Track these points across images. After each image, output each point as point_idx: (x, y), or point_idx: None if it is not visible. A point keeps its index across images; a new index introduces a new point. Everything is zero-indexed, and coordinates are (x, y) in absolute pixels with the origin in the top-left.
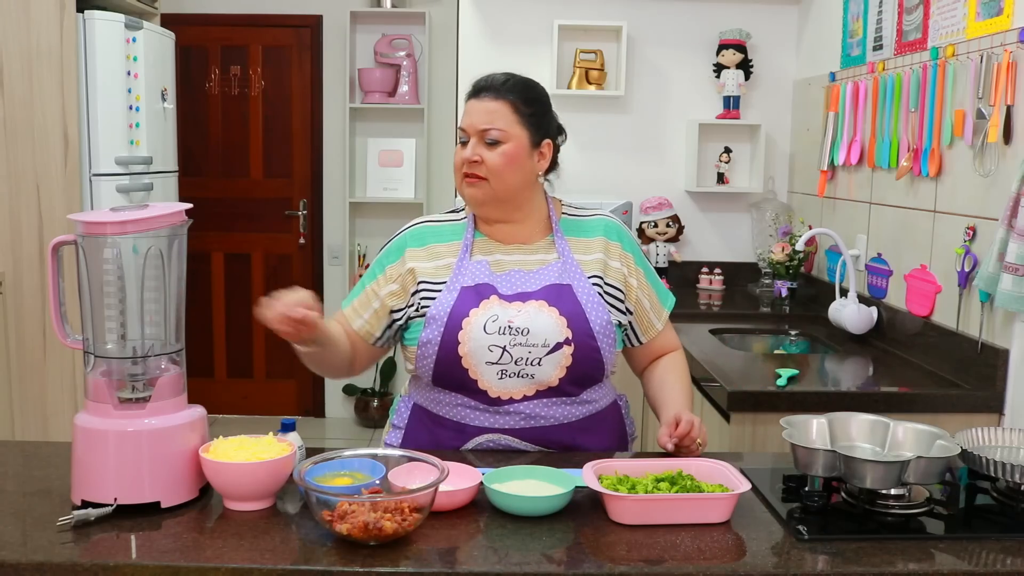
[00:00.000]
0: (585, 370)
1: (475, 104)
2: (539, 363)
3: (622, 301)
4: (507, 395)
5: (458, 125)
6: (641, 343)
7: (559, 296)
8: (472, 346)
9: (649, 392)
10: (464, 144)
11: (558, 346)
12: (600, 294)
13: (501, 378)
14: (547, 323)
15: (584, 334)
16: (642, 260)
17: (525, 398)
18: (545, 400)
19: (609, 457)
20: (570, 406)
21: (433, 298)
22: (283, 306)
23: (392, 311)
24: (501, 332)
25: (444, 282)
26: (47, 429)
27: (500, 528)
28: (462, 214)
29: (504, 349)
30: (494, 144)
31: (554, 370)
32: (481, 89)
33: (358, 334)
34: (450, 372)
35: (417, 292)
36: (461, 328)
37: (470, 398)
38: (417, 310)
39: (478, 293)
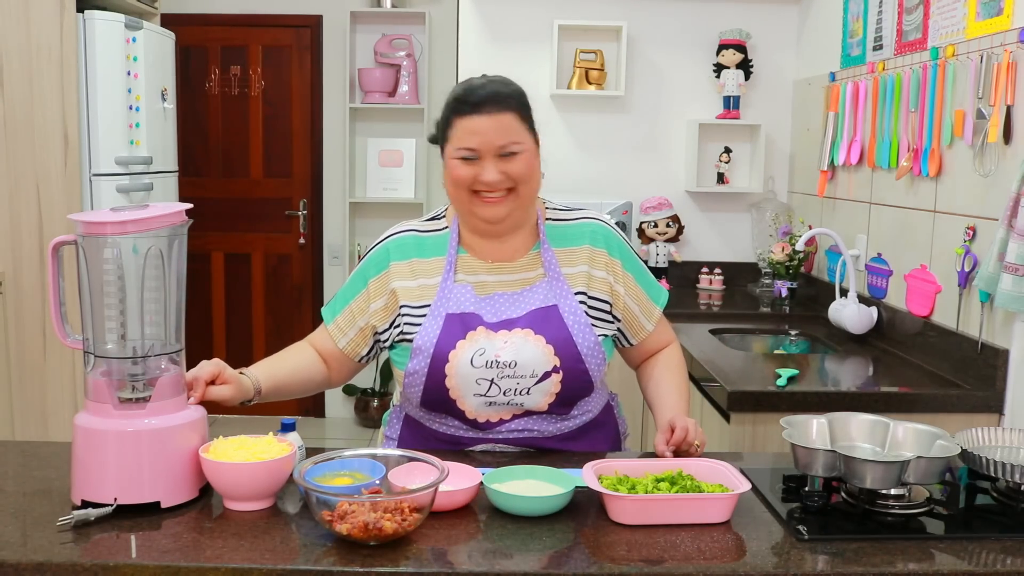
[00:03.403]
0: (574, 393)
1: (482, 120)
2: (527, 392)
3: (608, 312)
4: (496, 418)
5: (460, 144)
6: (632, 345)
7: (545, 321)
8: (459, 380)
9: (644, 392)
10: (467, 160)
11: (546, 375)
12: (585, 312)
13: (489, 406)
14: (534, 353)
15: (572, 359)
16: (631, 263)
17: (515, 417)
18: (535, 417)
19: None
20: (560, 421)
21: (417, 324)
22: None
23: (377, 332)
24: (488, 366)
25: (427, 306)
26: (47, 429)
27: (500, 528)
28: (443, 222)
29: (492, 382)
30: (511, 155)
31: (543, 397)
32: (481, 102)
33: (343, 352)
34: (438, 401)
35: (400, 315)
36: (448, 361)
37: (459, 421)
38: (402, 333)
39: (464, 323)
